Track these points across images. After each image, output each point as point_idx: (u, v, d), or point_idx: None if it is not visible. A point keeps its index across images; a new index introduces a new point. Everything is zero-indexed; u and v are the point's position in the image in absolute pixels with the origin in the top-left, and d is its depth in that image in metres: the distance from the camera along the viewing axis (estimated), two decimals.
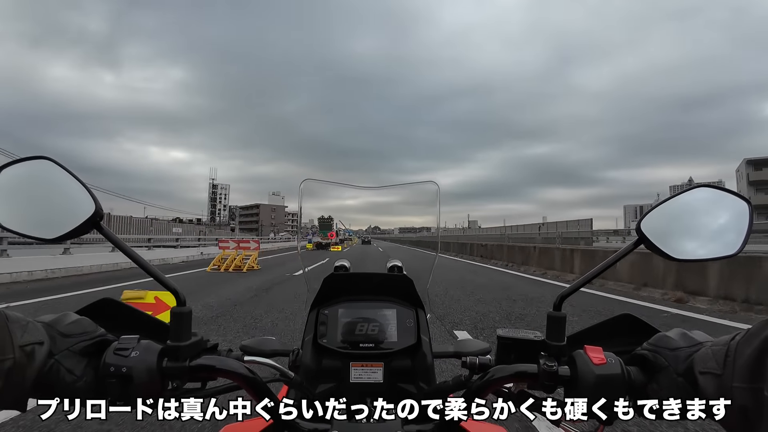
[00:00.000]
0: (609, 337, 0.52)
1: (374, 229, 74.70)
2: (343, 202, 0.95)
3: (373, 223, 14.49)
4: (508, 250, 15.48)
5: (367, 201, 0.92)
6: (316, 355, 0.65)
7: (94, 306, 0.51)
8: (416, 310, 0.69)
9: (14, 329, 0.38)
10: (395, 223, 46.99)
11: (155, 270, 0.48)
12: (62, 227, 0.45)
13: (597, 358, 0.44)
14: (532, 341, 0.51)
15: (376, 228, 59.54)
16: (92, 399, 0.43)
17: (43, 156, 0.46)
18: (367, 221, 2.89)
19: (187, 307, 0.48)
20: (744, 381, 0.35)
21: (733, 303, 5.76)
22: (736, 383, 0.36)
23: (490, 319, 5.25)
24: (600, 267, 0.50)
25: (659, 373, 0.43)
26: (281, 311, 5.63)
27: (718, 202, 0.48)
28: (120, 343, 0.44)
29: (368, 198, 0.88)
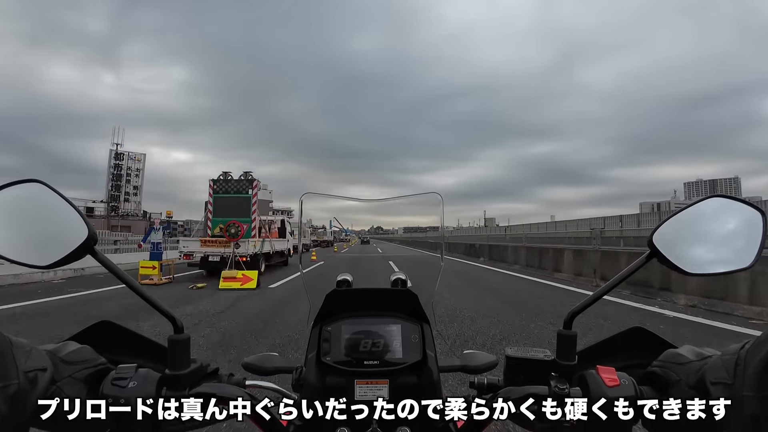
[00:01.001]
0: (620, 351, 0.52)
1: (377, 229, 74.22)
2: (346, 203, 0.94)
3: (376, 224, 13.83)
4: (547, 254, 12.58)
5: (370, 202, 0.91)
6: (319, 373, 0.64)
7: (93, 329, 0.51)
8: (421, 324, 0.68)
9: (18, 355, 0.38)
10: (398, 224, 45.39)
11: (151, 296, 0.47)
12: (55, 253, 0.44)
13: (610, 380, 0.43)
14: (542, 361, 0.50)
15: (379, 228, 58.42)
16: (92, 429, 0.42)
17: (35, 179, 0.45)
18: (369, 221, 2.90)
19: (185, 334, 0.47)
20: (754, 390, 0.35)
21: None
22: (746, 392, 0.36)
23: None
24: (612, 282, 0.49)
25: (671, 387, 0.43)
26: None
27: (731, 212, 0.47)
28: (117, 373, 0.43)
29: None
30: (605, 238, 10.74)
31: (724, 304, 6.15)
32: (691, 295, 6.75)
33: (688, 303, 6.66)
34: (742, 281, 5.96)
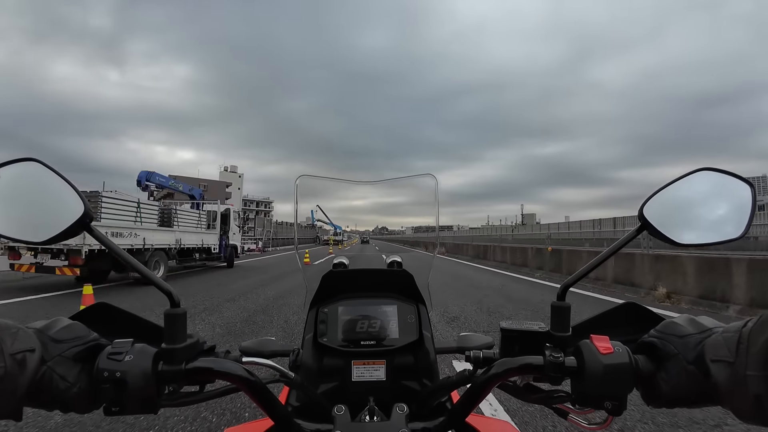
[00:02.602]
0: (614, 327, 0.52)
1: (381, 229, 71.15)
2: (350, 202, 0.90)
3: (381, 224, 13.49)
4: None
5: (374, 201, 0.88)
6: (316, 355, 0.65)
7: (88, 311, 0.51)
8: (417, 305, 0.69)
9: (4, 337, 0.37)
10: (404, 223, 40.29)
11: (147, 271, 0.48)
12: (51, 229, 0.45)
13: (604, 348, 0.43)
14: (537, 332, 0.50)
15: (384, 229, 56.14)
16: (87, 405, 0.42)
17: (31, 157, 0.45)
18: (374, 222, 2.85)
19: (181, 308, 0.47)
20: (758, 369, 0.35)
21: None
22: (750, 371, 0.35)
23: None
24: (603, 255, 0.49)
25: (668, 361, 0.42)
26: None
27: (721, 184, 0.48)
28: (113, 347, 0.43)
29: (375, 198, 0.86)
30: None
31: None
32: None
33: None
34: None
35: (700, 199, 0.48)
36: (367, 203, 0.95)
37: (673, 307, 6.42)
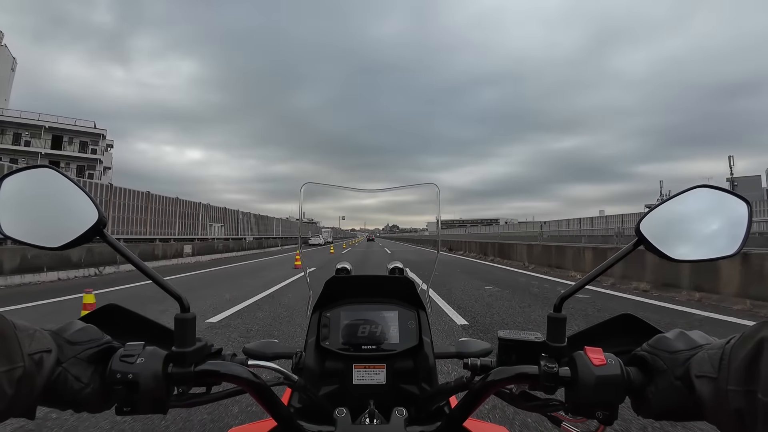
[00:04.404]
0: (609, 337, 0.53)
1: (392, 227, 72.48)
2: (360, 201, 0.90)
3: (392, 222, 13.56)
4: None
5: (384, 200, 0.86)
6: (318, 358, 0.66)
7: (99, 312, 0.53)
8: (417, 311, 0.70)
9: (22, 337, 0.39)
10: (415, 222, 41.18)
11: (158, 276, 0.50)
12: (66, 236, 0.46)
13: (597, 359, 0.44)
14: (533, 342, 0.52)
15: (395, 227, 57.30)
16: (99, 405, 0.44)
17: (45, 165, 0.47)
18: (384, 220, 2.86)
19: (191, 313, 0.49)
20: (738, 384, 0.36)
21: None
22: (731, 386, 0.36)
23: None
24: (601, 267, 0.50)
25: (658, 376, 0.43)
26: None
27: (718, 202, 0.48)
28: (126, 350, 0.45)
29: (384, 197, 0.85)
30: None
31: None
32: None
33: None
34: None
35: (697, 216, 0.48)
36: (377, 202, 0.96)
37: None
